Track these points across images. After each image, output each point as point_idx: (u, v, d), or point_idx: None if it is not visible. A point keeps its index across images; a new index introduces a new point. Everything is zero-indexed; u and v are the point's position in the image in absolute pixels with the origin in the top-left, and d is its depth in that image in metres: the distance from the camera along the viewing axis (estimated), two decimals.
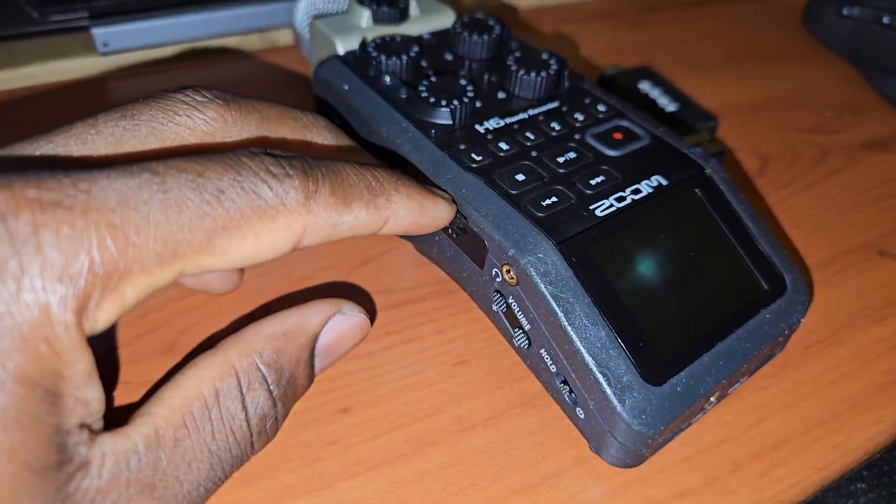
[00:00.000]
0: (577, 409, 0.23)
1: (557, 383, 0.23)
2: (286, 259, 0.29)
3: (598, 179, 0.25)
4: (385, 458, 0.23)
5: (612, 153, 0.26)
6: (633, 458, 0.22)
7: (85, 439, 0.16)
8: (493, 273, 0.24)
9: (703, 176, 0.26)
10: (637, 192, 0.25)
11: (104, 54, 0.37)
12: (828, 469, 0.23)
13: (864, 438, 0.24)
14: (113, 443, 0.17)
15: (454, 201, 0.24)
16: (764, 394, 0.26)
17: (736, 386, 0.25)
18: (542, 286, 0.22)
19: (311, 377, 0.21)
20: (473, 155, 0.26)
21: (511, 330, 0.24)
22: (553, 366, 0.23)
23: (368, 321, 0.22)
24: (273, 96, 0.24)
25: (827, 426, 0.25)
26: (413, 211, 0.22)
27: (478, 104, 0.28)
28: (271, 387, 0.19)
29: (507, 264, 0.23)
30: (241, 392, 0.19)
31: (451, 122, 0.27)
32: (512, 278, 0.23)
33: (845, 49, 0.46)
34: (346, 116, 0.30)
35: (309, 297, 0.22)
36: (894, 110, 0.43)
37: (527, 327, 0.23)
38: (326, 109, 0.31)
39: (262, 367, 0.19)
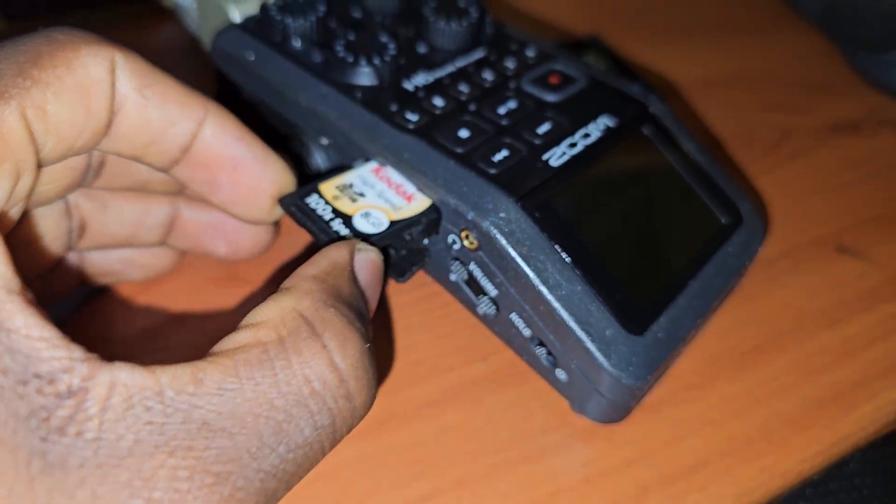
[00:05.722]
0: (557, 370, 0.21)
1: (533, 347, 0.22)
2: None
3: (545, 128, 0.23)
4: None
5: (552, 98, 0.25)
6: (620, 412, 0.22)
7: (70, 362, 0.13)
8: (451, 240, 0.22)
9: (647, 113, 0.25)
10: (587, 136, 0.23)
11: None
12: (751, 495, 0.21)
13: (796, 461, 0.22)
14: (130, 375, 0.13)
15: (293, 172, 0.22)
16: (686, 408, 0.23)
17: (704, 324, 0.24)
18: (510, 248, 0.20)
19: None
20: (408, 115, 0.23)
21: (474, 298, 0.23)
22: (527, 329, 0.22)
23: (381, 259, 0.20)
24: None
25: (754, 447, 0.22)
26: (238, 130, 0.20)
27: (401, 61, 0.26)
28: (358, 308, 0.17)
29: (466, 229, 0.21)
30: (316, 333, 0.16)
31: (376, 81, 0.24)
32: (472, 243, 0.21)
33: (822, 21, 0.41)
34: (256, 91, 0.26)
35: None
36: (871, 89, 0.39)
37: (493, 293, 0.22)
38: (230, 88, 0.27)
39: (330, 299, 0.17)
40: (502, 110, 0.24)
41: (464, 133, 0.23)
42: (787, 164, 0.34)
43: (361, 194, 0.22)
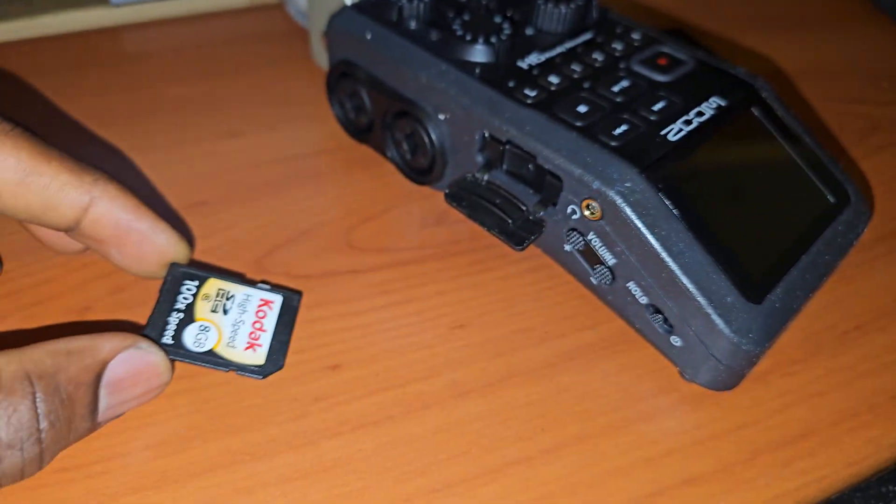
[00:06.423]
0: (672, 337, 0.22)
1: (648, 315, 0.23)
2: (281, 212, 0.28)
3: (660, 105, 0.24)
4: (373, 419, 0.22)
5: (662, 78, 0.26)
6: (734, 379, 0.22)
7: None
8: (570, 210, 0.23)
9: (755, 94, 0.26)
10: (700, 114, 0.24)
11: (116, 6, 0.38)
12: (859, 465, 0.22)
13: None
14: None
15: (189, 243, 0.23)
16: (791, 379, 0.24)
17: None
18: (635, 217, 0.21)
19: (92, 409, 0.19)
20: (526, 91, 0.24)
21: (589, 268, 0.24)
22: (644, 297, 0.22)
23: (170, 366, 0.20)
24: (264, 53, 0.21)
25: (861, 419, 0.23)
26: (126, 208, 0.21)
27: (513, 41, 0.27)
28: (38, 399, 0.17)
29: (589, 198, 0.22)
30: None
31: (493, 59, 0.26)
32: (594, 213, 0.22)
33: None
34: (372, 69, 0.28)
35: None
36: None
37: (611, 262, 0.23)
38: (344, 68, 0.29)
39: (31, 375, 0.17)
40: (616, 88, 0.25)
41: (582, 108, 0.24)
42: (877, 155, 0.34)
43: (226, 311, 0.22)
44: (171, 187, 0.29)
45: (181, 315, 0.22)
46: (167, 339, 0.21)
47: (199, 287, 0.22)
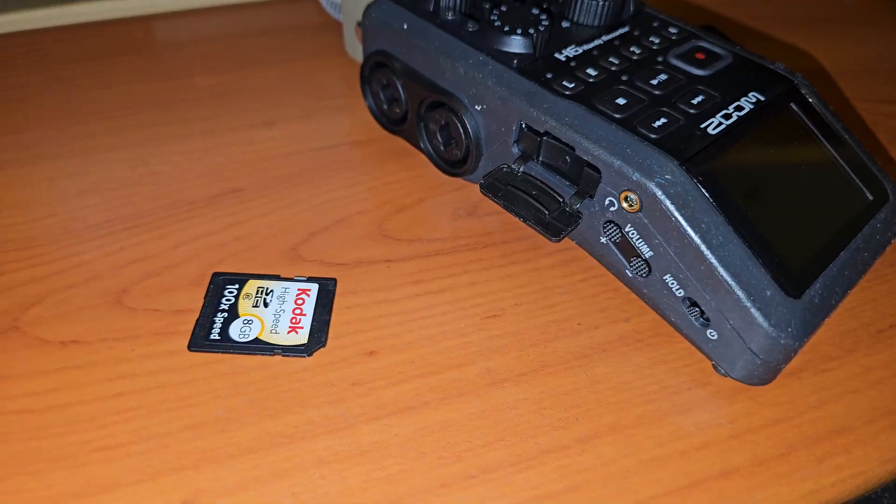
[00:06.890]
0: (709, 331, 0.22)
1: (684, 308, 0.23)
2: (315, 201, 0.29)
3: (699, 99, 0.24)
4: (409, 405, 0.22)
5: (701, 73, 0.26)
6: (770, 374, 0.22)
7: None
8: (607, 202, 0.23)
9: (794, 90, 0.26)
10: (739, 108, 0.24)
11: None
12: (895, 462, 0.22)
13: None
14: None
15: None
16: (827, 376, 0.24)
17: None
18: (675, 209, 0.21)
19: None
20: (565, 82, 0.25)
21: (625, 261, 0.24)
22: (680, 290, 0.22)
23: None
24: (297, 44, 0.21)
25: None
26: None
27: (551, 33, 0.27)
28: None
29: (628, 190, 0.22)
30: None
31: (531, 50, 0.26)
32: (632, 205, 0.22)
33: None
34: (408, 60, 0.28)
35: None
36: None
37: (647, 255, 0.23)
38: (378, 59, 0.29)
39: None
40: (654, 81, 0.25)
41: (621, 100, 0.24)
42: None
43: (266, 304, 0.24)
44: (207, 174, 0.29)
45: (225, 314, 0.24)
46: (214, 335, 0.23)
47: (239, 289, 0.24)
